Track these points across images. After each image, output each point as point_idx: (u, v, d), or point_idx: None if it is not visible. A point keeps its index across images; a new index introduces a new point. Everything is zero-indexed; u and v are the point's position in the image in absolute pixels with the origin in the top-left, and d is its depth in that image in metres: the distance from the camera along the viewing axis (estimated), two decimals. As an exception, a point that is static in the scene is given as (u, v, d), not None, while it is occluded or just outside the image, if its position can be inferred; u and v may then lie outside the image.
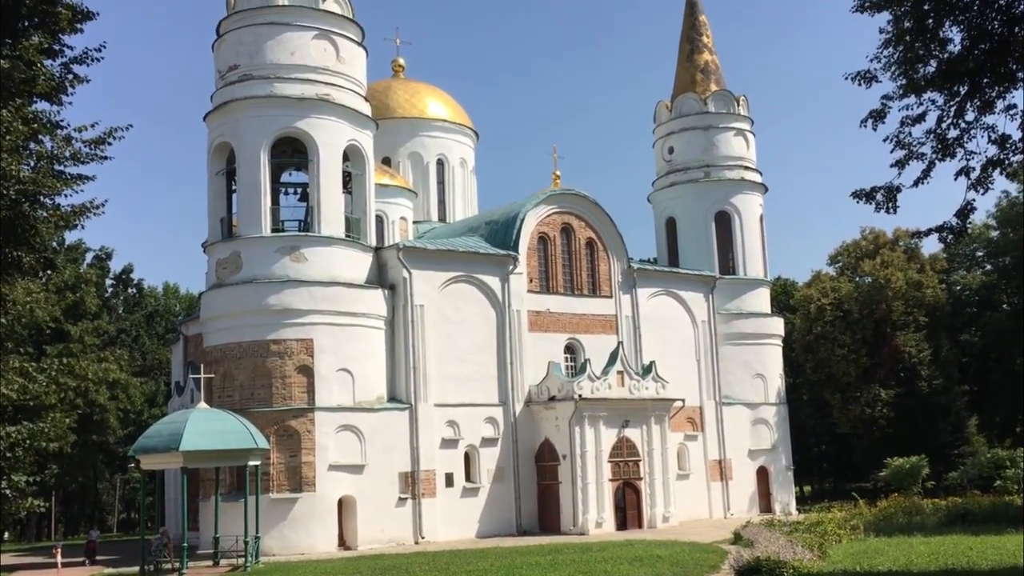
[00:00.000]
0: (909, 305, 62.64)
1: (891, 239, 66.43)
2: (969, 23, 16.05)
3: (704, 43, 54.33)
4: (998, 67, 15.96)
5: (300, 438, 36.17)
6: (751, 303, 51.94)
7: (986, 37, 15.91)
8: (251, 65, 38.35)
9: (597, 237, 46.06)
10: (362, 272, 39.11)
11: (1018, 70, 16.10)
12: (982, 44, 15.92)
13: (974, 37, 16.02)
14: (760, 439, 51.12)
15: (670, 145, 53.39)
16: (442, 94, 56.95)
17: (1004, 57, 15.90)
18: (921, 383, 61.23)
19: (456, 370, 40.55)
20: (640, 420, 42.66)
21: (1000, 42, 15.78)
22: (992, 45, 15.82)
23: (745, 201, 52.46)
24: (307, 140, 38.39)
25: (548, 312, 43.94)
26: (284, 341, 36.63)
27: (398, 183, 49.93)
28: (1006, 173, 17.96)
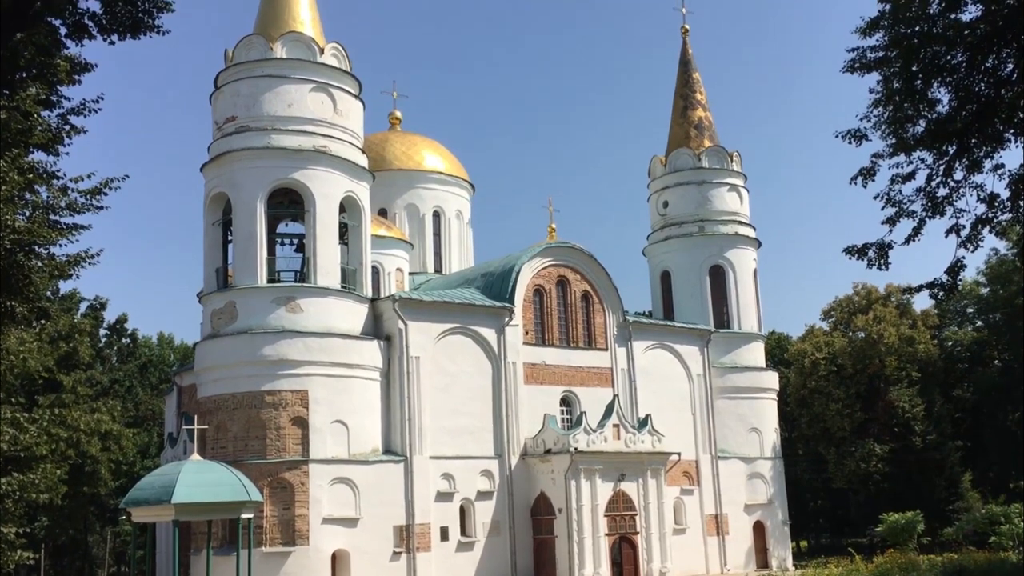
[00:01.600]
0: (902, 360, 62.79)
1: (883, 295, 66.76)
2: (956, 84, 16.38)
3: (698, 100, 55.10)
4: (985, 127, 16.27)
5: (294, 490, 35.93)
6: (746, 357, 52.03)
7: (973, 98, 16.23)
8: (249, 117, 38.78)
9: (592, 290, 46.27)
10: (358, 323, 39.18)
11: (1005, 130, 16.41)
12: (969, 105, 16.24)
13: (961, 98, 16.34)
14: (756, 494, 50.87)
15: (665, 199, 53.87)
16: (439, 147, 57.50)
17: (991, 118, 16.21)
18: (915, 438, 61.12)
19: (451, 422, 40.44)
20: (636, 474, 42.48)
21: (987, 103, 16.10)
22: (979, 106, 16.13)
23: (739, 255, 52.80)
24: (304, 191, 38.70)
25: (544, 364, 43.96)
26: (279, 392, 36.56)
27: (394, 235, 50.19)
28: (995, 231, 18.20)
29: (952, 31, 16.18)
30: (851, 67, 17.11)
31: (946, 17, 16.22)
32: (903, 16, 16.28)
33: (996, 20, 15.74)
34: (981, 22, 16.01)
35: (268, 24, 40.20)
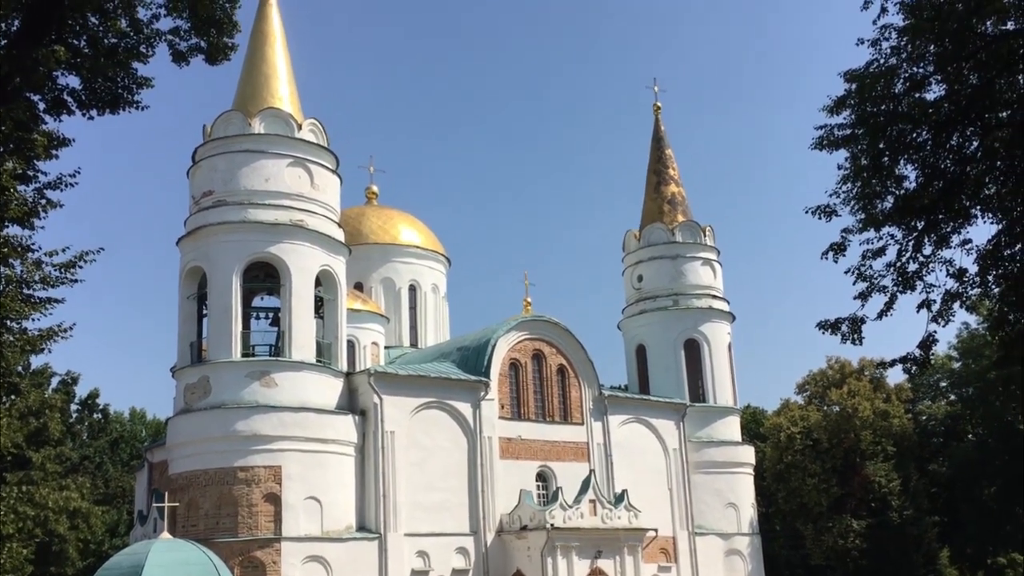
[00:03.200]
0: (877, 434, 62.87)
1: (857, 368, 67.09)
2: (923, 162, 16.74)
3: (671, 175, 55.93)
4: (952, 204, 16.57)
5: (265, 570, 35.13)
6: (722, 431, 51.94)
7: (939, 175, 16.58)
8: (226, 191, 38.91)
9: (568, 364, 46.26)
10: (332, 398, 38.89)
11: (971, 207, 16.73)
12: (936, 182, 16.57)
13: (928, 175, 16.68)
14: (734, 570, 50.28)
15: (639, 273, 54.27)
16: (415, 221, 57.84)
17: (957, 194, 16.53)
18: (892, 513, 60.87)
19: (426, 498, 39.93)
20: (613, 550, 41.94)
21: (953, 180, 16.44)
22: (945, 183, 16.46)
23: (713, 329, 53.07)
24: (280, 265, 38.71)
25: (519, 439, 43.68)
26: (252, 468, 36.03)
27: (370, 308, 50.12)
28: (965, 306, 18.40)
29: (917, 110, 16.58)
30: (820, 144, 17.45)
31: (911, 96, 16.64)
32: (869, 95, 16.69)
33: (960, 99, 16.18)
34: (945, 101, 16.44)
35: (247, 100, 40.63)
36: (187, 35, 18.39)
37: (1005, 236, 16.74)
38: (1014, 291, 17.57)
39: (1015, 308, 18.13)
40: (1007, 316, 18.41)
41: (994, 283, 17.72)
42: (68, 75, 18.37)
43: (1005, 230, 16.74)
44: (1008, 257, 16.95)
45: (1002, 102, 16.26)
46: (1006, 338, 18.73)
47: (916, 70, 16.59)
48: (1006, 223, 16.73)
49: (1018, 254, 16.87)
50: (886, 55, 16.62)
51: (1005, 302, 18.15)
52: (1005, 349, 19.13)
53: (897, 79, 16.67)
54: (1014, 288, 17.49)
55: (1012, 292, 17.64)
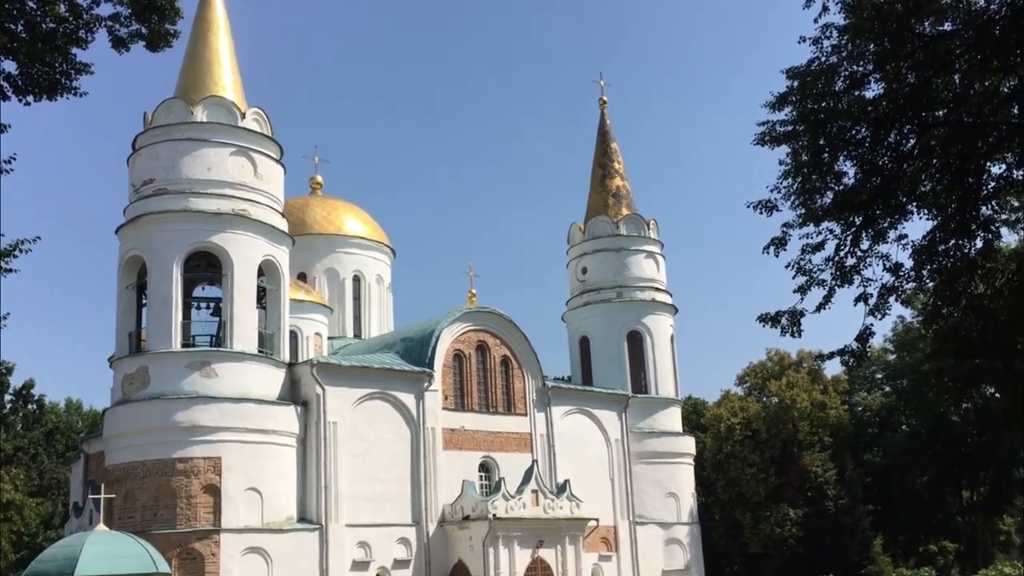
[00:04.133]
0: (814, 425, 64.18)
1: (796, 361, 68.41)
2: (861, 158, 17.03)
3: (615, 169, 56.27)
4: (889, 199, 16.90)
5: (204, 561, 34.71)
6: (663, 422, 52.46)
7: (877, 171, 16.88)
8: (167, 180, 38.25)
9: (512, 355, 46.36)
10: (274, 388, 38.52)
11: (907, 203, 17.08)
12: (874, 178, 16.87)
13: (866, 171, 16.98)
14: (673, 559, 50.88)
15: (583, 266, 54.56)
16: (359, 212, 57.45)
17: (894, 190, 16.86)
18: (828, 502, 62.21)
19: (369, 489, 39.75)
20: (555, 540, 42.18)
21: (890, 176, 16.76)
22: (883, 179, 16.78)
23: (656, 321, 53.56)
24: (222, 255, 38.18)
25: (463, 430, 43.69)
26: (191, 459, 35.55)
27: (314, 299, 49.73)
28: (901, 300, 18.79)
29: (856, 107, 16.86)
30: (761, 140, 17.64)
31: (851, 94, 16.91)
32: (810, 92, 16.92)
33: (898, 98, 16.48)
34: (884, 99, 16.74)
35: (189, 88, 39.97)
36: (127, 21, 17.98)
37: (939, 232, 17.11)
38: (947, 285, 18.01)
39: (948, 302, 18.58)
40: (940, 310, 18.86)
41: (928, 277, 18.11)
42: (4, 60, 17.92)
43: (939, 226, 17.11)
44: (942, 252, 17.33)
45: (938, 101, 16.58)
46: (939, 331, 19.20)
47: (856, 68, 16.86)
48: (940, 219, 17.11)
49: (952, 249, 17.26)
50: (827, 53, 16.87)
51: (939, 296, 18.59)
52: (938, 342, 19.60)
53: (837, 77, 16.92)
54: (947, 282, 17.92)
55: (946, 286, 18.07)
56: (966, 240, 17.21)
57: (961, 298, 18.34)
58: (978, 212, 17.08)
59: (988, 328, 18.29)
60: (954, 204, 16.89)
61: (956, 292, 18.14)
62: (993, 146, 16.50)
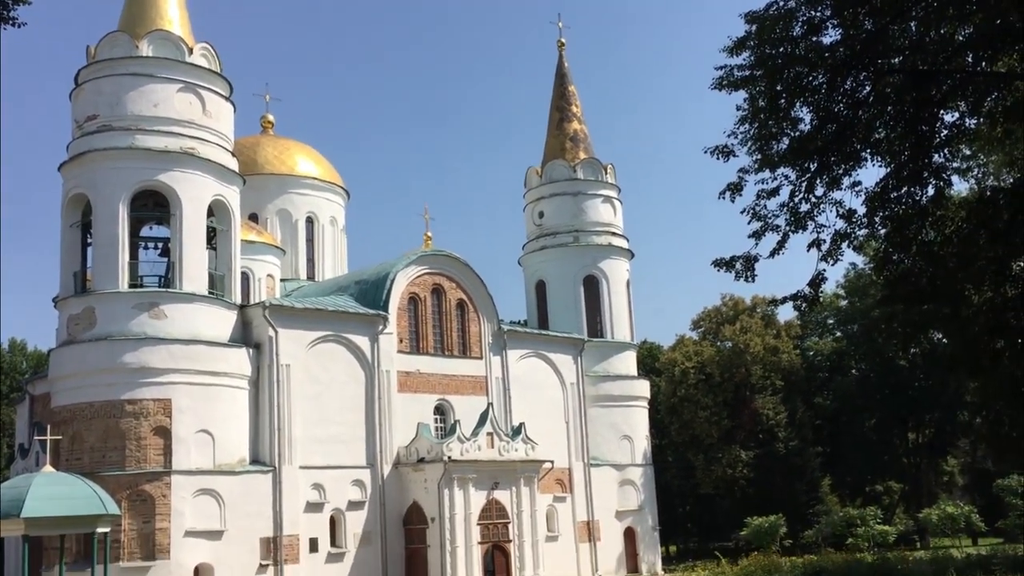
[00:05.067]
0: (767, 369, 65.10)
1: (749, 306, 69.09)
2: (818, 104, 16.97)
3: (573, 112, 55.81)
4: (844, 147, 16.89)
5: (155, 503, 34.57)
6: (618, 366, 52.84)
7: (833, 118, 16.84)
8: (111, 116, 37.24)
9: (468, 298, 46.21)
10: (226, 330, 38.07)
11: (862, 150, 17.08)
12: (829, 124, 16.83)
13: (822, 117, 16.93)
14: (627, 500, 51.67)
15: (540, 210, 54.32)
16: (312, 152, 56.55)
17: (849, 138, 16.84)
18: (778, 444, 63.40)
19: (323, 431, 39.67)
20: (510, 482, 42.55)
21: (845, 123, 16.72)
22: (838, 126, 16.74)
23: (612, 266, 53.64)
24: (170, 194, 37.40)
25: (418, 373, 43.65)
26: (140, 401, 35.14)
27: (265, 240, 49.05)
28: (853, 246, 18.89)
29: (814, 53, 16.76)
30: (719, 84, 17.49)
31: (808, 40, 16.78)
32: (768, 37, 16.76)
33: (855, 44, 16.38)
34: (840, 45, 16.63)
35: (134, 21, 38.72)
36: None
37: (892, 179, 17.16)
38: (899, 232, 18.13)
39: (899, 249, 18.71)
40: (891, 256, 18.99)
41: (880, 224, 18.23)
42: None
43: (892, 173, 17.16)
44: (894, 199, 17.42)
45: (894, 48, 16.54)
46: (890, 277, 19.37)
47: (814, 14, 16.72)
48: (893, 167, 17.15)
49: (904, 197, 17.35)
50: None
51: (890, 243, 18.71)
52: (889, 288, 19.81)
53: (795, 22, 16.77)
54: (899, 229, 18.05)
55: (897, 233, 18.20)
56: (918, 188, 17.29)
57: (912, 245, 18.50)
58: (930, 160, 17.14)
59: (937, 275, 18.52)
60: (907, 152, 16.92)
61: (907, 239, 18.29)
62: (947, 94, 16.51)
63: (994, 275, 18.65)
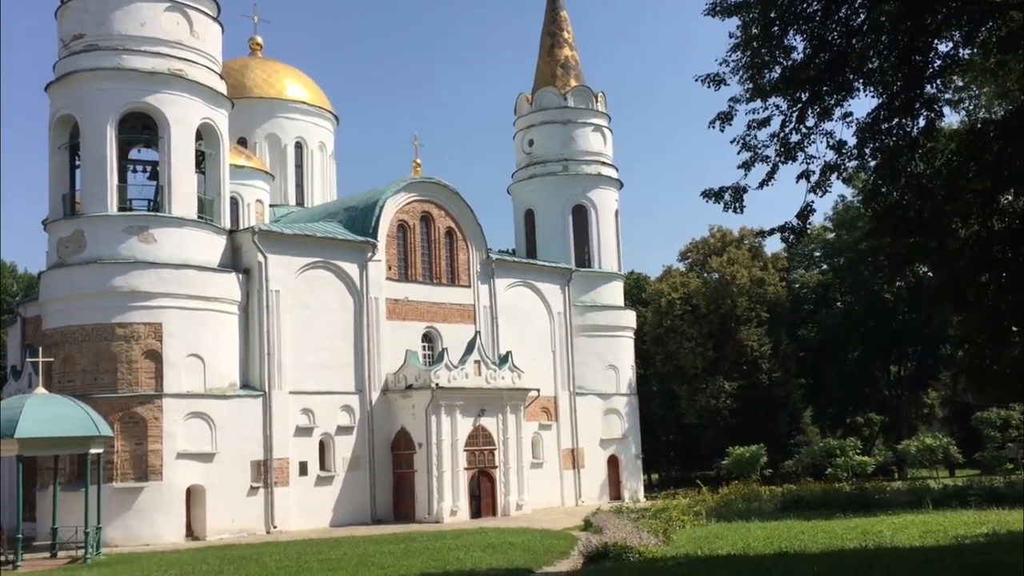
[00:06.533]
0: (752, 301, 65.53)
1: (737, 237, 69.25)
2: (811, 33, 16.79)
3: (565, 38, 55.20)
4: (836, 76, 16.77)
5: (147, 425, 34.98)
6: (605, 296, 53.17)
7: (826, 47, 16.70)
8: (98, 35, 36.68)
9: (457, 226, 46.24)
10: (215, 255, 38.09)
11: (854, 80, 16.97)
12: (822, 53, 16.70)
13: (815, 46, 16.76)
14: (612, 429, 52.43)
15: (530, 138, 54.05)
16: (301, 75, 55.95)
17: (842, 67, 16.72)
18: (762, 376, 64.16)
19: (312, 357, 40.00)
20: (496, 409, 43.12)
21: (838, 52, 16.60)
22: (831, 55, 16.62)
23: (601, 196, 53.63)
24: (158, 116, 37.06)
25: (406, 300, 43.86)
26: (131, 325, 35.31)
27: (254, 165, 48.82)
28: (842, 178, 18.87)
29: (809, -22, 16.54)
30: (712, 10, 17.29)
31: (804, -35, 16.56)
32: (763, -39, 16.53)
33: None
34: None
35: (118, -64, 37.87)
36: None
37: (884, 110, 17.05)
38: (888, 164, 18.10)
39: (888, 181, 18.71)
40: (880, 188, 18.97)
41: (871, 156, 18.15)
42: None
43: (884, 104, 17.05)
44: (885, 131, 17.32)
45: (890, -26, 16.33)
46: (878, 210, 19.36)
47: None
48: (886, 97, 17.04)
49: (895, 128, 17.26)
50: (782, -79, 16.43)
51: (880, 175, 18.69)
52: (877, 220, 19.80)
53: (791, -54, 16.52)
54: (889, 161, 18.01)
55: (887, 165, 18.15)
56: (909, 119, 17.18)
57: (901, 177, 18.44)
58: (923, 91, 17.04)
59: (925, 207, 18.50)
60: (900, 82, 16.81)
61: (896, 171, 18.23)
62: (942, 23, 16.39)
63: (982, 208, 18.60)
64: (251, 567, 24.90)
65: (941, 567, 17.35)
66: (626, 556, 22.17)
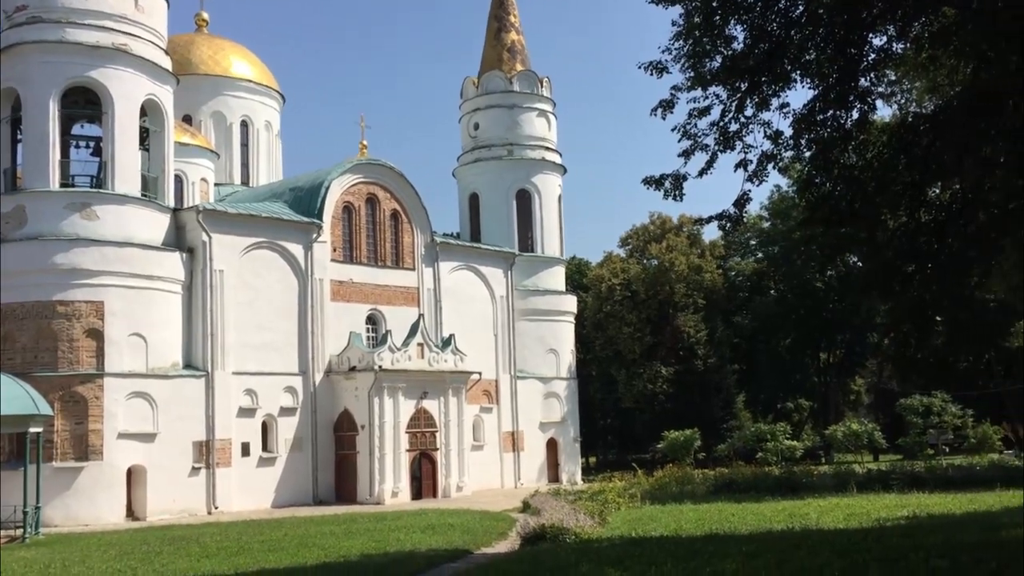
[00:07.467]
0: (690, 288, 66.71)
1: (676, 225, 70.35)
2: (751, 23, 17.21)
3: (511, 22, 55.51)
4: (775, 67, 17.23)
5: (87, 405, 34.73)
6: (547, 281, 53.82)
7: (765, 38, 17.15)
8: (41, 7, 36.12)
9: (402, 209, 46.46)
10: (159, 234, 37.86)
11: (792, 71, 17.49)
12: (762, 44, 17.15)
13: (755, 37, 17.18)
14: (551, 412, 53.16)
15: (476, 121, 54.36)
16: (248, 53, 55.50)
17: (780, 58, 17.20)
18: (697, 361, 65.40)
19: (256, 338, 39.99)
20: (438, 392, 43.53)
21: (777, 43, 17.08)
22: (770, 45, 17.09)
23: (545, 181, 54.19)
24: (101, 91, 36.66)
25: (351, 282, 44.01)
26: (72, 303, 34.98)
27: (199, 143, 48.42)
28: (778, 168, 19.39)
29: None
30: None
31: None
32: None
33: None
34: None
35: (62, -91, 37.27)
36: None
37: (819, 102, 17.57)
38: (822, 155, 18.65)
39: (822, 171, 19.27)
40: (814, 179, 19.50)
41: (806, 147, 18.63)
42: None
43: (820, 95, 17.58)
44: (820, 122, 17.81)
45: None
46: (811, 200, 19.90)
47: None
48: (821, 89, 17.59)
49: (829, 120, 17.80)
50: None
51: (814, 165, 19.21)
52: (810, 210, 20.31)
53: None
54: (823, 152, 18.56)
55: (820, 156, 18.68)
56: (843, 111, 17.70)
57: (834, 168, 18.87)
58: (857, 84, 17.61)
59: (856, 198, 18.99)
60: (835, 74, 17.31)
61: (829, 162, 18.66)
62: (876, 17, 16.91)
63: (910, 200, 19.01)
64: (191, 548, 24.82)
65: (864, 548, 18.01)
66: (563, 537, 22.49)
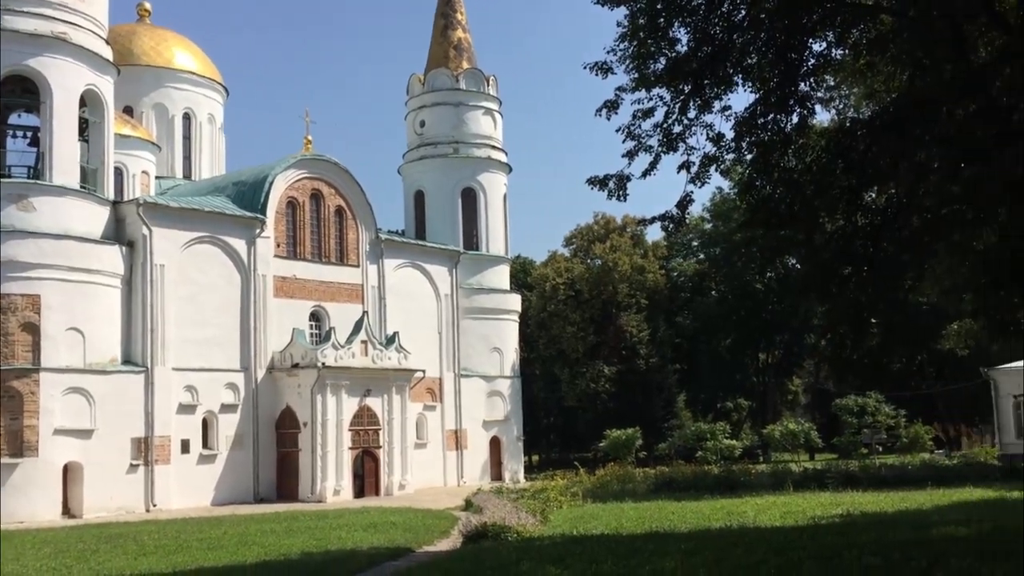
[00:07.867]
0: (633, 288, 67.38)
1: (620, 225, 70.99)
2: (695, 26, 17.48)
3: (458, 20, 55.50)
4: (717, 70, 17.54)
5: (23, 400, 33.96)
6: (492, 279, 53.93)
7: (708, 41, 17.44)
8: (-24, -5, 35.36)
9: (347, 205, 46.23)
10: (98, 226, 37.21)
11: (734, 74, 17.81)
12: (705, 47, 17.43)
13: (698, 39, 17.45)
14: (494, 410, 53.29)
15: (422, 119, 54.27)
16: (191, 45, 54.72)
17: (723, 61, 17.50)
18: (640, 361, 66.07)
19: (197, 333, 39.49)
20: (382, 389, 43.40)
21: (720, 47, 17.38)
22: (713, 49, 17.39)
23: (490, 179, 54.31)
24: (39, 80, 35.91)
25: (294, 278, 43.69)
26: (7, 296, 34.16)
27: (140, 135, 47.67)
28: (720, 170, 19.70)
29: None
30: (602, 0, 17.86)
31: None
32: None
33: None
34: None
35: None
36: None
37: (760, 105, 17.92)
38: (763, 158, 19.00)
39: (762, 174, 19.62)
40: (755, 182, 19.83)
41: (747, 150, 18.94)
42: None
43: (761, 100, 17.93)
44: (761, 126, 18.15)
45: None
46: (752, 202, 20.23)
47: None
48: (762, 93, 17.95)
49: (770, 123, 18.13)
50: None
51: (754, 168, 19.56)
52: (750, 213, 20.65)
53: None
54: (763, 155, 18.91)
55: (761, 159, 19.03)
56: (784, 115, 18.05)
57: (774, 171, 19.19)
58: (797, 88, 17.98)
59: (795, 201, 19.34)
60: (776, 79, 17.64)
61: (770, 165, 19.00)
62: (816, 23, 17.31)
63: (847, 204, 19.31)
64: (128, 545, 24.42)
65: (799, 545, 18.39)
66: (504, 536, 22.58)
